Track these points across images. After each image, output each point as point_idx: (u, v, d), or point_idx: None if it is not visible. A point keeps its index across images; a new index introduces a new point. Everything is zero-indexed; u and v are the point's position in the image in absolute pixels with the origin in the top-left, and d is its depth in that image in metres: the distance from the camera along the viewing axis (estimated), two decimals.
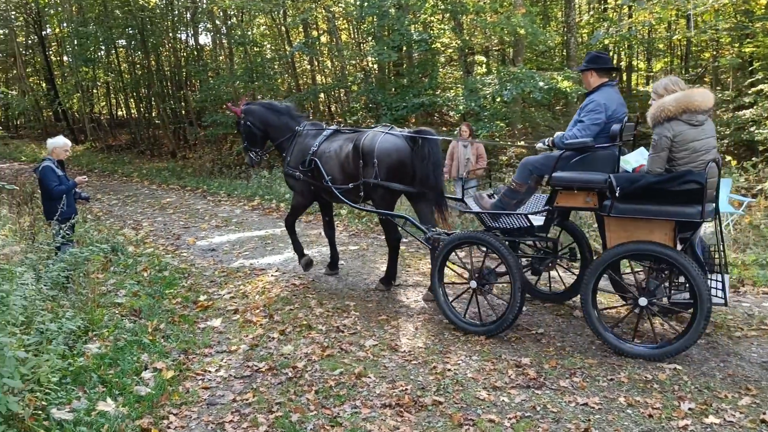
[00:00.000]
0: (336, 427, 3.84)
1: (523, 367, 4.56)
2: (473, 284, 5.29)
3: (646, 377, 4.34)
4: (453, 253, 5.47)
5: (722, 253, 4.90)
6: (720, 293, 4.63)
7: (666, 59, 17.67)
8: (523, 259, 5.77)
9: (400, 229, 6.53)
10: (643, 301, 4.60)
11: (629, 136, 5.05)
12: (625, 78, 17.96)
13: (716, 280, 4.68)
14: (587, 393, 4.15)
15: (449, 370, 4.57)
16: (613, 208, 4.47)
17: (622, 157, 4.77)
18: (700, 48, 16.37)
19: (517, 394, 4.18)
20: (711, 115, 4.48)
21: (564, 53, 15.32)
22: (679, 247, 4.62)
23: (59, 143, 6.62)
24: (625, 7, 15.72)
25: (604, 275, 4.81)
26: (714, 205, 4.52)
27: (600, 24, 15.58)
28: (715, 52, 15.30)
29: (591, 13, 17.57)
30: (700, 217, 4.23)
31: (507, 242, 5.22)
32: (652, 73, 18.19)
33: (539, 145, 5.27)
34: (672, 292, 4.82)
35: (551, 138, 5.06)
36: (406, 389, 4.28)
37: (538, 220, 5.12)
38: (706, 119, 4.40)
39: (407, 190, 6.00)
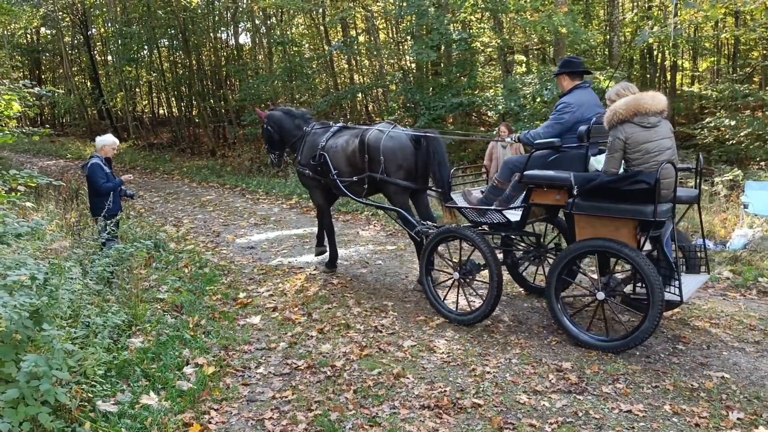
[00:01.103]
0: (375, 427, 3.84)
1: (564, 372, 4.49)
2: (456, 275, 5.62)
3: (692, 385, 4.23)
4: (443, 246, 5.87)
5: (674, 253, 4.95)
6: (676, 290, 4.61)
7: (713, 58, 17.17)
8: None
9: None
10: (600, 296, 4.78)
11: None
12: (669, 78, 17.53)
13: (674, 278, 4.68)
14: (631, 400, 4.07)
15: (488, 372, 4.53)
16: (575, 206, 4.71)
17: (593, 158, 4.94)
18: (748, 47, 15.87)
19: (558, 398, 4.11)
20: (666, 117, 4.62)
21: (606, 52, 15.03)
22: (649, 246, 4.77)
23: (108, 141, 6.77)
24: (670, 5, 15.35)
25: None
26: (671, 204, 4.63)
27: (644, 22, 15.23)
28: (764, 51, 14.83)
29: (635, 11, 17.18)
30: (653, 216, 4.36)
31: (500, 237, 5.68)
32: (697, 73, 17.71)
33: (507, 139, 5.98)
34: (637, 287, 4.97)
35: (518, 134, 5.49)
36: (445, 391, 4.25)
37: (515, 216, 5.31)
38: (659, 121, 4.54)
39: (410, 186, 6.27)
